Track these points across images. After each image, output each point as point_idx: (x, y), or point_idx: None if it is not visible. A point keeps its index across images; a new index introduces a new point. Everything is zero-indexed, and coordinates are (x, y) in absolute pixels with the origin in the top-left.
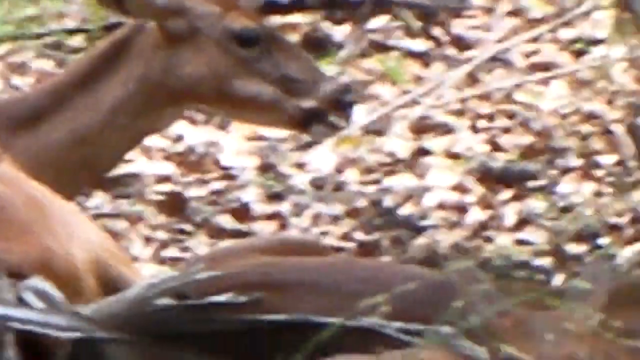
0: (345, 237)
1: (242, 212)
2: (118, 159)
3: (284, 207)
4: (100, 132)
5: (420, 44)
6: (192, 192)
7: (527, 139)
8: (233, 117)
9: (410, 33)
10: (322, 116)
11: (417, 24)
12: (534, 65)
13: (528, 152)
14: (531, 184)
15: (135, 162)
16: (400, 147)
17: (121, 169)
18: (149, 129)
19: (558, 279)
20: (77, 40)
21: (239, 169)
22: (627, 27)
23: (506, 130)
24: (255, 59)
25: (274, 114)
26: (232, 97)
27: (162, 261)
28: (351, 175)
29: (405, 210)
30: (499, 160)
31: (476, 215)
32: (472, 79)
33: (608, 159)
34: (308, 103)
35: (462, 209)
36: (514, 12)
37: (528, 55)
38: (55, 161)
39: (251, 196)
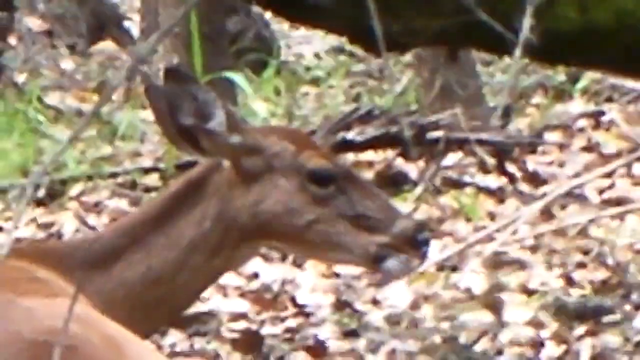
0: None
1: (318, 350)
2: (194, 297)
3: (360, 344)
4: (176, 271)
5: (494, 180)
6: (267, 330)
7: (602, 274)
8: (308, 255)
9: (484, 169)
10: (395, 253)
11: (491, 160)
12: (608, 200)
13: (603, 287)
14: (606, 319)
15: (210, 300)
16: (475, 283)
17: (197, 307)
18: (224, 268)
19: None
20: (151, 179)
21: (314, 306)
22: None
23: (581, 266)
24: (330, 197)
25: (348, 251)
26: (307, 235)
27: None
28: (426, 312)
29: (481, 346)
30: (574, 296)
31: (551, 350)
32: (547, 214)
33: None
34: (382, 239)
35: (537, 344)
36: (588, 148)
37: (602, 190)
38: (130, 300)
39: (327, 333)
